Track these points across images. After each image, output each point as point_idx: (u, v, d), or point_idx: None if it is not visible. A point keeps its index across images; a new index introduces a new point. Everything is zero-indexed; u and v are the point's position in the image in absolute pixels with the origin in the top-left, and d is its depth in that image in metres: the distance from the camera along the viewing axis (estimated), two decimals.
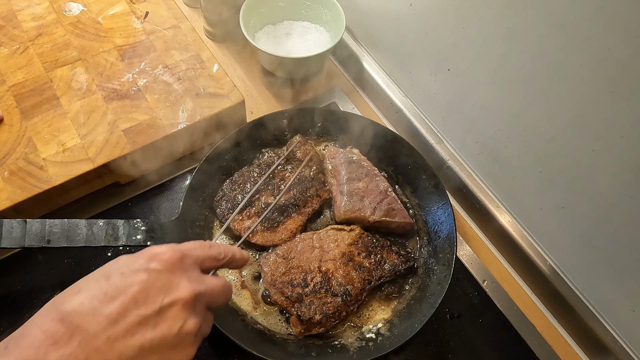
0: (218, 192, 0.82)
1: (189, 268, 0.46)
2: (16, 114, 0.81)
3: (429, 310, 0.71)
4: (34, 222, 0.66)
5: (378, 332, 0.74)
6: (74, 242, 0.67)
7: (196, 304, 0.46)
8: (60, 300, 0.42)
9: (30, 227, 0.66)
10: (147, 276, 0.43)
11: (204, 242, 0.52)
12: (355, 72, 1.05)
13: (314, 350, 0.70)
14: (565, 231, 0.75)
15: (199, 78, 0.89)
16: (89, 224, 0.69)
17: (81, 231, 0.68)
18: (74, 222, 0.68)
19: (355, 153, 0.87)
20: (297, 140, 0.88)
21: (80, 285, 0.43)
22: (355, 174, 0.83)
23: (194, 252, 0.48)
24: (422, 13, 0.81)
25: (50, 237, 0.66)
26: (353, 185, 0.82)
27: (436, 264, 0.78)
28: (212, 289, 0.48)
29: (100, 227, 0.69)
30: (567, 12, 0.58)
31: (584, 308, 0.77)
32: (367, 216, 0.80)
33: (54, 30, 0.92)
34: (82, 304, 0.41)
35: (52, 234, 0.66)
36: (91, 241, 0.68)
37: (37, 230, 0.66)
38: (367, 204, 0.81)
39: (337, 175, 0.84)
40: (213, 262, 0.51)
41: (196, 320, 0.45)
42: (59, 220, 0.67)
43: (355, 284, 0.74)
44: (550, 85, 0.65)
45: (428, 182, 0.84)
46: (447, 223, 0.79)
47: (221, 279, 0.51)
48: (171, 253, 0.45)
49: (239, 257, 0.55)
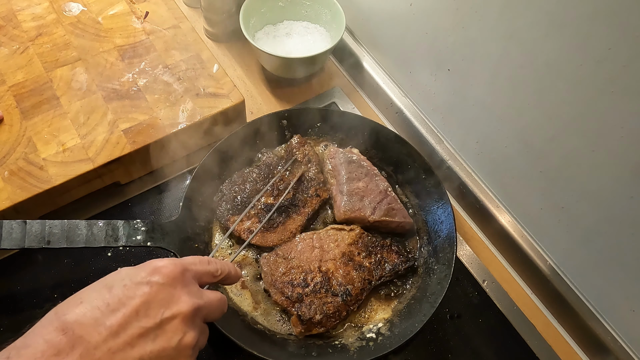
0: (217, 193, 0.82)
1: (189, 282, 0.47)
2: (16, 114, 0.81)
3: (430, 309, 0.71)
4: (33, 223, 0.66)
5: (378, 331, 0.74)
6: (74, 242, 0.67)
7: (195, 317, 0.47)
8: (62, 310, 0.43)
9: (30, 228, 0.66)
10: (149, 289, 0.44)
11: (202, 257, 0.53)
12: (355, 72, 1.05)
13: (315, 350, 0.70)
14: (565, 231, 0.75)
15: (199, 78, 0.89)
16: (89, 224, 0.69)
17: (81, 232, 0.68)
18: (74, 222, 0.68)
19: (355, 153, 0.87)
20: (295, 140, 0.88)
21: (82, 296, 0.44)
22: (355, 174, 0.83)
23: (194, 267, 0.49)
24: (422, 13, 0.81)
25: (50, 237, 0.66)
26: (353, 185, 0.82)
27: (436, 264, 0.78)
28: (210, 303, 0.49)
29: (100, 227, 0.69)
30: (567, 12, 0.58)
31: (584, 308, 0.77)
32: (367, 216, 0.80)
33: (54, 30, 0.92)
34: (84, 315, 0.41)
35: (52, 235, 0.66)
36: (91, 242, 0.68)
37: (37, 231, 0.66)
38: (367, 204, 0.81)
39: (337, 175, 0.84)
40: (210, 278, 0.52)
41: (194, 333, 0.46)
42: (58, 221, 0.67)
43: (355, 283, 0.74)
44: (550, 85, 0.65)
45: (428, 182, 0.84)
46: (447, 222, 0.80)
47: (217, 293, 0.52)
48: (172, 267, 0.46)
49: (234, 274, 0.56)
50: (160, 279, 0.45)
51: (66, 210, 0.81)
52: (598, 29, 0.55)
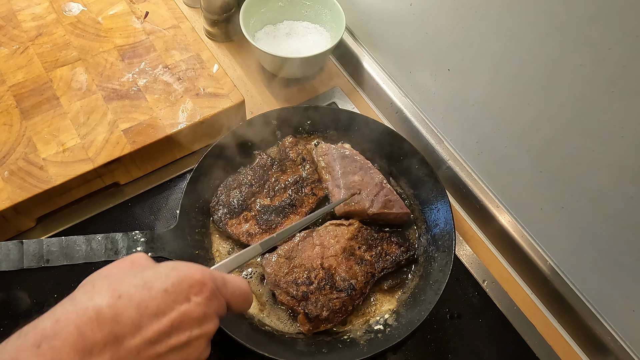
0: (213, 198, 0.82)
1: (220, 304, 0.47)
2: (16, 114, 0.81)
3: (434, 297, 0.72)
4: (30, 242, 0.65)
5: (385, 322, 0.74)
6: (74, 259, 0.66)
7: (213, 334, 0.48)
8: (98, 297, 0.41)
9: (27, 248, 0.64)
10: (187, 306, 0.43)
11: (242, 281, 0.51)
12: (355, 72, 1.05)
13: (325, 347, 0.71)
14: (565, 231, 0.75)
15: (199, 78, 0.89)
16: (87, 239, 0.67)
17: (80, 248, 0.67)
18: (72, 239, 0.67)
19: (347, 148, 0.87)
20: (289, 140, 0.88)
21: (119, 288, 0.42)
22: (350, 168, 0.84)
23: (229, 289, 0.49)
24: (422, 13, 0.81)
25: (48, 256, 0.65)
26: (349, 179, 0.83)
27: (436, 252, 0.78)
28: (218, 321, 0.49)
29: (99, 241, 0.68)
30: (567, 12, 0.58)
31: (584, 308, 0.77)
32: (366, 208, 0.80)
33: (54, 30, 0.92)
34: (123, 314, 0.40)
35: (51, 253, 0.65)
36: (91, 257, 0.67)
37: (34, 250, 0.65)
38: (364, 197, 0.81)
39: (332, 171, 0.84)
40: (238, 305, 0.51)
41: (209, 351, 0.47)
42: (56, 239, 0.66)
43: (358, 277, 0.74)
44: (550, 85, 0.65)
45: (421, 171, 0.85)
46: (443, 210, 0.80)
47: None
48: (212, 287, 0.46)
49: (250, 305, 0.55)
50: (200, 300, 0.44)
51: (66, 210, 0.81)
52: (598, 29, 0.55)
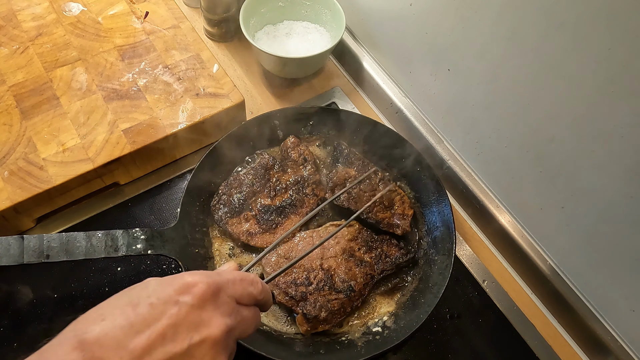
0: (214, 197, 0.82)
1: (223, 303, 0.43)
2: (16, 114, 0.81)
3: (433, 300, 0.72)
4: (31, 237, 0.65)
5: (384, 325, 0.74)
6: (74, 255, 0.66)
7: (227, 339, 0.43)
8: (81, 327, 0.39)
9: (27, 243, 0.65)
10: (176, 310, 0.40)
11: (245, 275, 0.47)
12: (355, 72, 1.05)
13: (322, 348, 0.71)
14: (565, 231, 0.75)
15: (199, 78, 0.89)
16: (88, 236, 0.68)
17: (80, 244, 0.67)
18: (72, 235, 0.67)
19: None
20: (290, 140, 0.88)
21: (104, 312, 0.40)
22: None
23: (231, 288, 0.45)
24: (422, 13, 0.81)
25: (48, 252, 0.65)
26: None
27: (436, 254, 0.78)
28: (244, 321, 0.45)
29: (99, 238, 0.68)
30: (567, 12, 0.58)
31: (584, 308, 0.77)
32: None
33: (54, 30, 0.92)
34: (106, 335, 0.38)
35: (51, 249, 0.65)
36: (91, 253, 0.67)
37: (34, 246, 0.65)
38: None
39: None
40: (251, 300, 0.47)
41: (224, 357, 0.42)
42: (56, 235, 0.66)
43: (358, 279, 0.74)
44: (550, 85, 0.65)
45: (422, 174, 0.85)
46: (444, 213, 0.80)
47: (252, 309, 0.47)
48: (205, 287, 0.42)
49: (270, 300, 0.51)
50: (190, 300, 0.40)
51: (66, 210, 0.81)
52: (598, 29, 0.55)
